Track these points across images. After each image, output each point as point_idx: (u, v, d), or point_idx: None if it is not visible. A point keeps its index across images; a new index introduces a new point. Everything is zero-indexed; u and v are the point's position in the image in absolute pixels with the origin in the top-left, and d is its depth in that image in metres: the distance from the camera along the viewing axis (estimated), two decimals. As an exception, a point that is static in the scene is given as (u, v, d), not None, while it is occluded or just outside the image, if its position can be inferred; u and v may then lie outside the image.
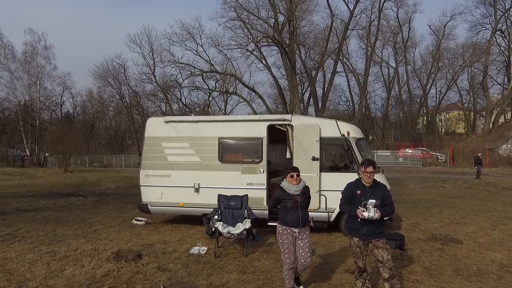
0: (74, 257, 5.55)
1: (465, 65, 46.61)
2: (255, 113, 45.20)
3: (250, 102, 43.41)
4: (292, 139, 7.39)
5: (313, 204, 5.16)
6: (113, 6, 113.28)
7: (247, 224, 6.00)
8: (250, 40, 34.99)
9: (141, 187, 7.96)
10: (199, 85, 41.33)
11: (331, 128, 7.24)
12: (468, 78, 49.85)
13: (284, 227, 4.26)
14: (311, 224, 4.48)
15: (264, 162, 7.39)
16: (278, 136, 8.11)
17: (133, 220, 8.44)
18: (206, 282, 4.69)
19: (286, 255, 4.21)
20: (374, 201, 3.88)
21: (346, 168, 7.10)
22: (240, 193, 6.69)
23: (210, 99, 46.88)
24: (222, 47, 37.03)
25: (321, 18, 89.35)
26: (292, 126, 7.40)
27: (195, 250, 6.04)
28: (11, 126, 38.23)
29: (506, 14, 42.79)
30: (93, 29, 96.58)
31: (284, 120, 7.48)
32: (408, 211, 9.89)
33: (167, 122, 7.96)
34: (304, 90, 46.05)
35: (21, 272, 4.99)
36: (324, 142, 7.16)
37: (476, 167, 20.37)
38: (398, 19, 49.05)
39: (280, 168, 8.54)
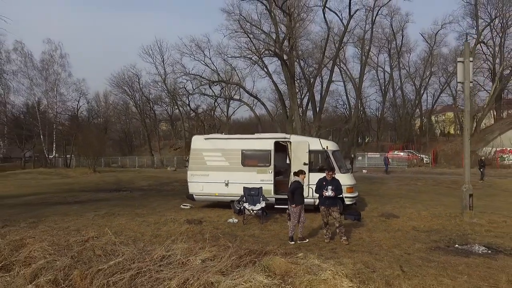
0: (162, 223, 9.35)
1: (454, 71, 50.20)
2: (256, 117, 49.11)
3: (253, 107, 47.32)
4: (291, 151, 11.18)
5: (304, 193, 8.91)
6: (121, 10, 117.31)
7: (263, 204, 9.80)
8: (253, 52, 38.74)
9: (189, 182, 11.74)
10: (205, 91, 45.32)
11: (316, 144, 11.02)
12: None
13: (294, 206, 7.92)
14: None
15: (272, 166, 11.17)
16: (281, 148, 11.87)
17: (181, 205, 12.23)
18: (242, 233, 8.47)
19: (295, 220, 7.87)
20: (331, 187, 7.68)
21: (328, 168, 10.82)
22: (257, 186, 10.47)
23: (216, 104, 50.87)
24: (226, 55, 40.91)
25: (319, 26, 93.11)
26: (290, 142, 11.19)
27: (230, 220, 9.83)
28: (34, 131, 41.91)
29: (491, 24, 46.46)
30: (105, 39, 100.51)
31: (285, 138, 11.30)
32: (375, 200, 13.66)
33: (206, 139, 11.78)
34: (303, 96, 49.81)
35: (134, 230, 8.76)
36: (312, 153, 10.94)
37: (480, 170, 21.80)
38: (392, 27, 52.50)
39: (281, 170, 12.28)
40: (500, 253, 6.85)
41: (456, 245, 7.45)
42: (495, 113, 51.58)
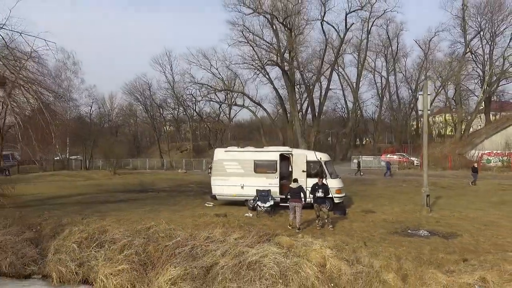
0: (197, 216, 12.56)
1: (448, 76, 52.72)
2: (259, 121, 52.31)
3: (256, 112, 50.62)
4: (292, 161, 14.36)
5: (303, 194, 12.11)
6: (126, 16, 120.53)
7: (271, 202, 13.01)
8: (256, 62, 41.91)
9: (212, 185, 14.93)
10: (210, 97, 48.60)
11: (312, 156, 14.20)
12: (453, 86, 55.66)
13: (291, 203, 11.12)
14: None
15: (277, 173, 14.34)
16: (285, 159, 15.04)
17: (206, 203, 15.42)
18: (257, 223, 11.66)
19: (291, 213, 11.09)
20: (321, 190, 10.89)
21: (321, 175, 14.02)
22: (266, 188, 13.64)
23: (220, 110, 54.14)
24: (230, 62, 44.12)
25: (318, 34, 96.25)
26: (292, 154, 14.37)
27: (247, 214, 13.03)
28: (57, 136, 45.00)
29: (480, 33, 49.29)
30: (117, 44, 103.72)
31: (288, 151, 14.51)
32: (360, 199, 16.82)
33: (226, 151, 14.98)
34: (303, 101, 52.89)
35: (179, 222, 11.91)
36: (309, 163, 14.11)
37: (472, 174, 23.98)
38: (388, 34, 55.15)
39: (285, 175, 15.43)
40: (435, 236, 10.05)
41: (409, 231, 10.65)
42: (485, 118, 54.49)
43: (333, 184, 13.50)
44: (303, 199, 10.99)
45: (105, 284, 8.67)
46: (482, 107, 52.81)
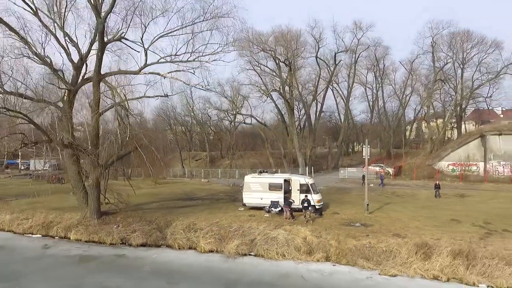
0: (237, 216, 22.48)
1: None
2: (264, 135, 62.02)
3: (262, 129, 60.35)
4: (291, 183, 24.28)
5: (297, 202, 22.07)
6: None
7: (279, 208, 23.01)
8: (262, 89, 51.60)
9: (243, 197, 24.87)
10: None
11: (303, 180, 24.16)
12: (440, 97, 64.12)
13: (285, 207, 21.10)
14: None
15: (282, 190, 24.23)
16: (287, 181, 24.90)
17: (238, 208, 25.31)
18: (271, 220, 21.60)
19: (285, 212, 21.07)
20: (306, 202, 20.92)
21: (308, 192, 23.92)
22: (276, 199, 23.58)
23: (230, 126, 63.90)
24: (238, 82, 53.77)
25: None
26: (291, 179, 24.33)
27: (265, 215, 22.98)
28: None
29: (453, 57, 58.46)
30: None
31: (289, 177, 24.52)
32: (334, 205, 26.60)
33: (252, 177, 24.95)
34: (301, 117, 62.23)
35: (229, 219, 21.75)
36: (301, 185, 24.02)
37: (435, 190, 30.92)
38: (376, 56, 64.06)
39: (286, 192, 25.22)
40: (362, 226, 19.94)
41: (351, 224, 20.55)
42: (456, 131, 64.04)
43: (315, 197, 23.42)
44: (291, 205, 21.05)
45: (203, 247, 18.61)
46: (454, 121, 62.48)
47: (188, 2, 20.87)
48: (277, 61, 49.90)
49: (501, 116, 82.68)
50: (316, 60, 53.61)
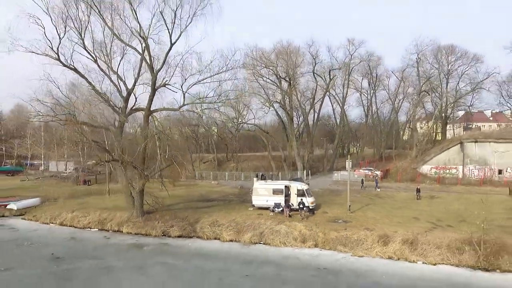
0: (248, 214, 29.11)
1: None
2: (267, 142, 68.44)
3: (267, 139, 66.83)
4: (290, 189, 30.92)
5: (295, 204, 28.71)
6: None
7: (281, 208, 29.66)
8: (266, 104, 57.97)
9: (252, 199, 31.53)
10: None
11: (300, 186, 30.81)
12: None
13: (285, 208, 27.76)
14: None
15: (283, 194, 30.85)
16: (287, 187, 31.50)
17: (248, 208, 31.91)
18: (275, 217, 28.24)
19: (285, 212, 27.74)
20: (301, 204, 27.60)
21: (303, 195, 30.49)
22: (278, 201, 30.22)
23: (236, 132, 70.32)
24: (243, 93, 59.96)
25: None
26: (290, 186, 30.97)
27: (271, 214, 29.62)
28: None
29: (439, 69, 64.43)
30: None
31: (289, 184, 31.20)
32: (324, 205, 33.13)
33: (259, 183, 31.64)
34: (300, 124, 68.48)
35: (243, 217, 28.33)
36: (298, 190, 30.64)
37: (417, 193, 36.52)
38: (369, 66, 69.03)
39: (286, 195, 31.77)
40: (343, 222, 26.58)
41: (336, 220, 27.15)
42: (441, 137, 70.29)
43: (309, 200, 30.03)
44: (290, 207, 27.69)
45: (225, 238, 25.25)
46: (439, 126, 68.50)
47: (215, 57, 28.30)
48: (278, 76, 56.31)
49: (491, 118, 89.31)
50: (313, 75, 60.11)
